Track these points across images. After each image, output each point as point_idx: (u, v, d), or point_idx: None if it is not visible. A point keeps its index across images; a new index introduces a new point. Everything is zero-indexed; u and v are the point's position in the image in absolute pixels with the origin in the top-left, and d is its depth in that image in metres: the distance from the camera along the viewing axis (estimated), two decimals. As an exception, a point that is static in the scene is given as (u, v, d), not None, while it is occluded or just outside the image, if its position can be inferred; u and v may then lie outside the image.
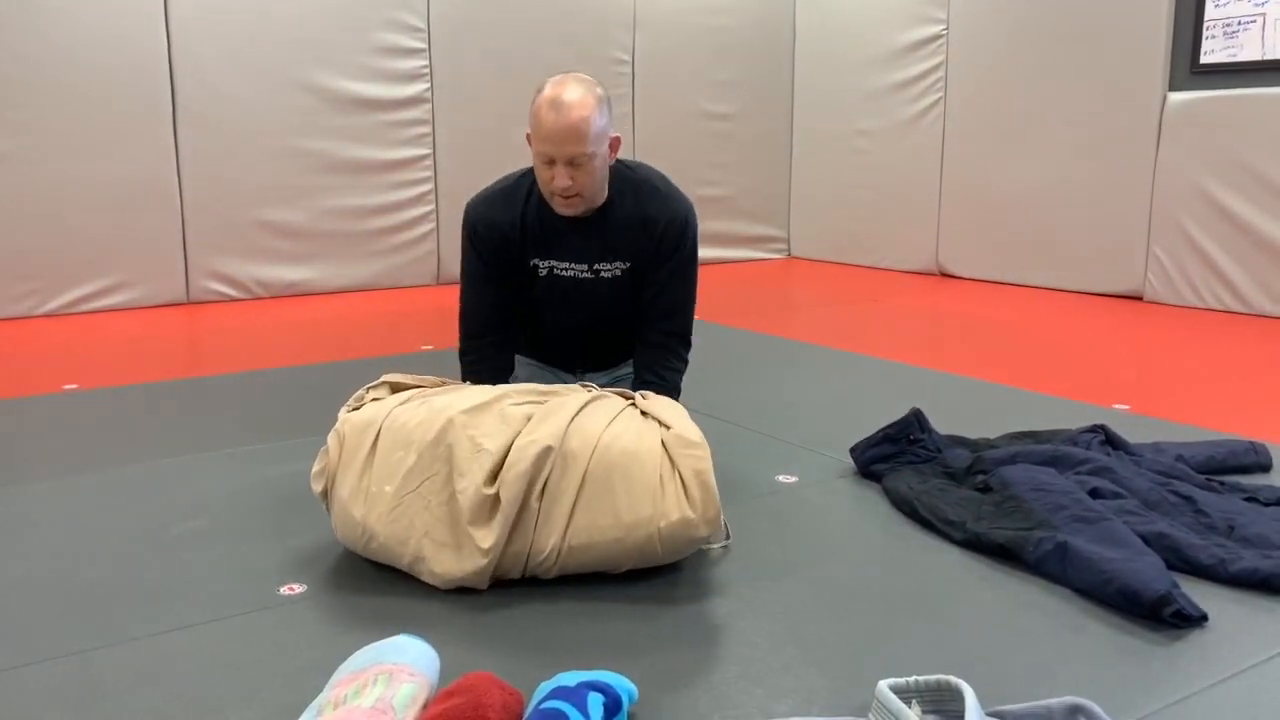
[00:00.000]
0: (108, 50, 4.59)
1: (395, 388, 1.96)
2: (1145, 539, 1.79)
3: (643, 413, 1.84)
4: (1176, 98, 4.71)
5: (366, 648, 1.33)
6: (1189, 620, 1.56)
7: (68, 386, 3.24)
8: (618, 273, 2.30)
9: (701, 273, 2.69)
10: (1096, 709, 1.20)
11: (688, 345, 2.36)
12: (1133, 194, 4.91)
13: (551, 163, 2.11)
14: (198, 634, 1.56)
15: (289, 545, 1.90)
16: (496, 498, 1.66)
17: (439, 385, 2.00)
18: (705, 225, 6.30)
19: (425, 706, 1.24)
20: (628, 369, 2.52)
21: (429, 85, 5.38)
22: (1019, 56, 5.32)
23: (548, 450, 1.67)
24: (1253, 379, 3.30)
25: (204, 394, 3.13)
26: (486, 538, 1.64)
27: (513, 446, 1.69)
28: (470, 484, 1.66)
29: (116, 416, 2.86)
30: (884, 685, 1.21)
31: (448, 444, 1.71)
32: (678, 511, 1.67)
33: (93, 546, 1.92)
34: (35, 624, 1.60)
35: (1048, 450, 2.22)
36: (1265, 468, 2.35)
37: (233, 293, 5.03)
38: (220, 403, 3.02)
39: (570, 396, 1.84)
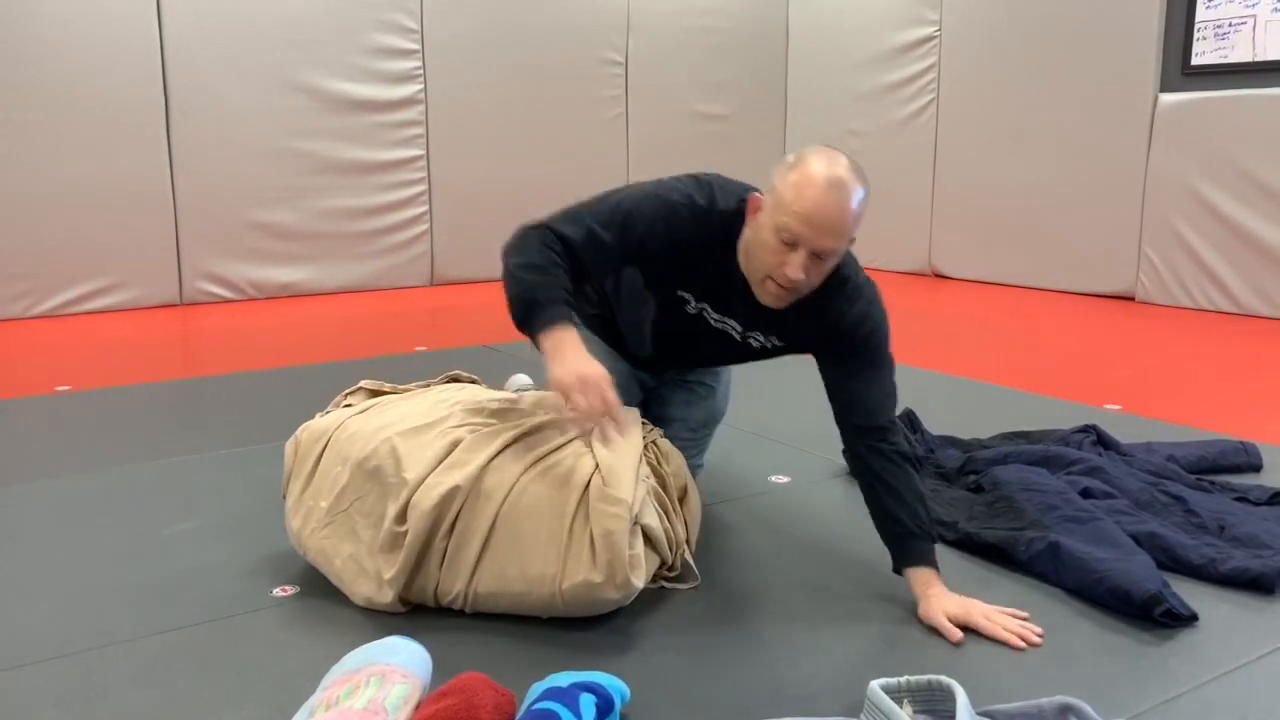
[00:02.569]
0: (101, 52, 4.58)
1: (373, 393, 1.94)
2: (1136, 539, 1.80)
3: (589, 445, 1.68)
4: (1168, 99, 4.73)
5: (359, 649, 1.34)
6: (1179, 619, 1.57)
7: (60, 388, 3.23)
8: (769, 345, 1.99)
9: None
10: (1087, 708, 1.21)
11: (896, 431, 1.83)
12: (1124, 195, 4.92)
13: (793, 247, 1.67)
14: (191, 635, 1.56)
15: (281, 547, 1.90)
16: (404, 533, 1.61)
17: (413, 392, 1.94)
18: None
19: (418, 707, 1.24)
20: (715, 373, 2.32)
21: (422, 86, 5.38)
22: (1011, 58, 5.33)
23: (454, 490, 1.59)
24: (1243, 379, 3.32)
25: (197, 395, 3.13)
26: (388, 569, 1.61)
27: (424, 483, 1.61)
28: (388, 515, 1.62)
29: (109, 418, 2.85)
30: (876, 685, 1.21)
31: (376, 465, 1.66)
32: (582, 573, 1.55)
33: (86, 547, 1.91)
34: (29, 625, 1.60)
35: (1039, 450, 2.23)
36: (1255, 468, 2.36)
37: (226, 294, 5.03)
38: (213, 404, 3.01)
39: (511, 425, 1.72)
